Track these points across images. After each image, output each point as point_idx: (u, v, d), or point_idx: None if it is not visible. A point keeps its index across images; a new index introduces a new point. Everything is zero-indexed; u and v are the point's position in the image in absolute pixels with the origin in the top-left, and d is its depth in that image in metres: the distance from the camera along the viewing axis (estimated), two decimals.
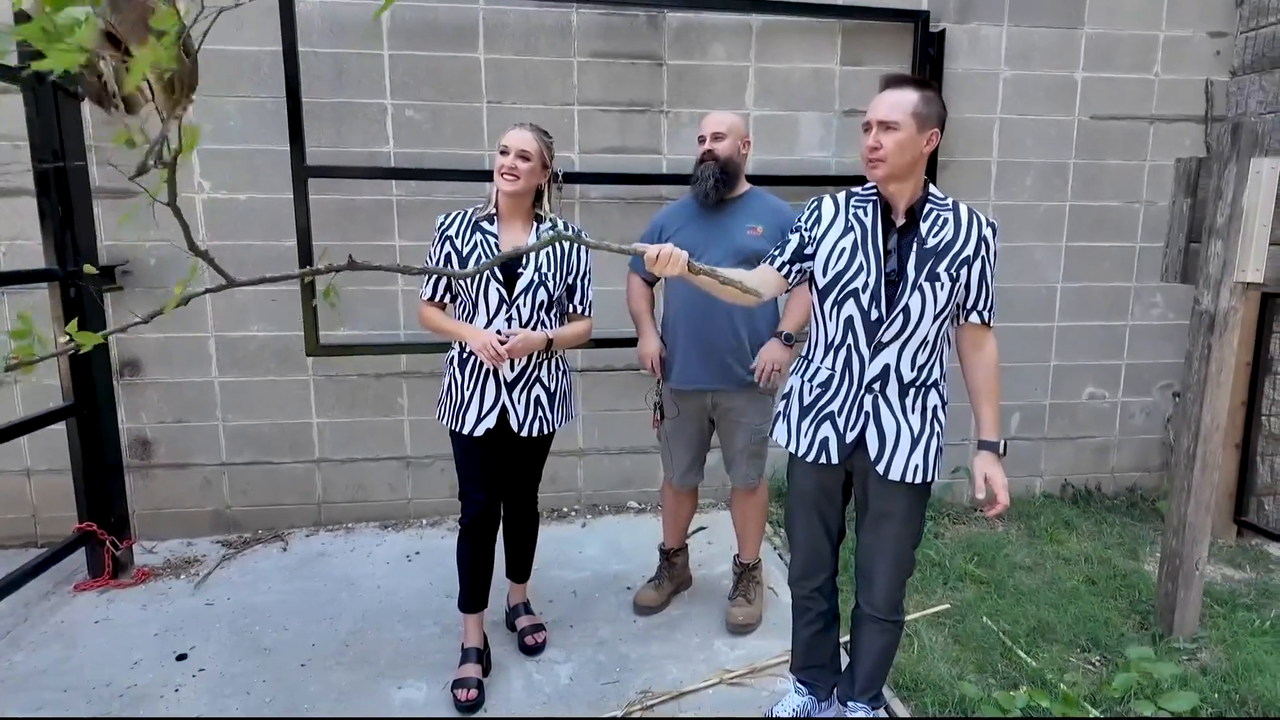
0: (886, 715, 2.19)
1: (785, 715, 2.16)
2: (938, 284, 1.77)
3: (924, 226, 1.80)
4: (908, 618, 2.65)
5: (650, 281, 2.70)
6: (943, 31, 3.46)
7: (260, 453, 3.41)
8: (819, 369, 1.91)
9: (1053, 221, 3.73)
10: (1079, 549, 3.35)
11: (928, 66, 3.44)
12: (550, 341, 2.25)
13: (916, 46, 3.44)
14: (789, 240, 1.93)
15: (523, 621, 2.58)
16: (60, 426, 2.89)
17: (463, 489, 2.33)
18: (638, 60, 3.38)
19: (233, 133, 3.18)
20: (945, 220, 1.80)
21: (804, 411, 1.93)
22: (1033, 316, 3.79)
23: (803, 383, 1.94)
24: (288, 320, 3.30)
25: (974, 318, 1.84)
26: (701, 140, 2.50)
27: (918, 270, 1.78)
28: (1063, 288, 3.79)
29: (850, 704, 2.11)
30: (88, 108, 3.03)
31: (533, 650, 2.51)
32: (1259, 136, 2.44)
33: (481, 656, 2.39)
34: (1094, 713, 2.17)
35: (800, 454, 1.94)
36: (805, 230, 1.91)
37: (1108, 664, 2.50)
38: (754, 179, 2.75)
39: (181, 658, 2.48)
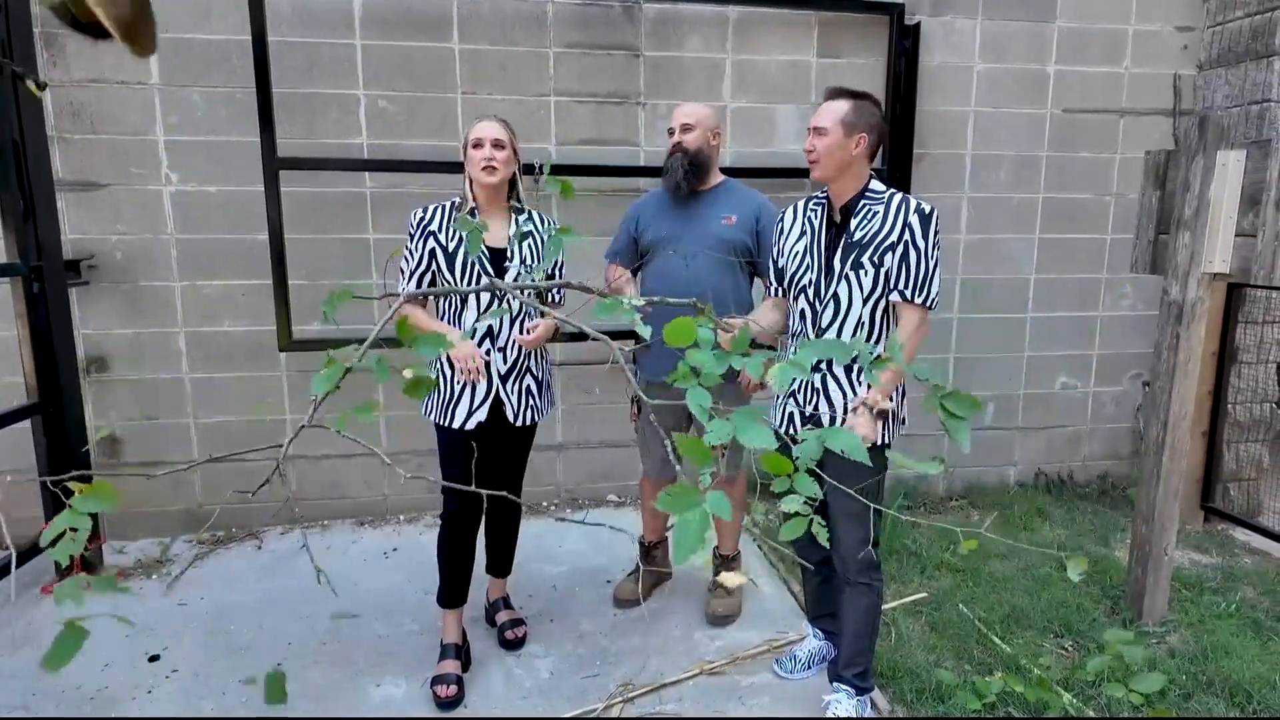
0: (873, 712, 2.21)
1: (802, 656, 2.39)
2: (861, 272, 1.99)
3: (854, 222, 2.02)
4: (886, 606, 2.69)
5: (632, 271, 2.69)
6: (918, 24, 3.48)
7: (232, 450, 3.34)
8: (789, 353, 2.12)
9: (1026, 214, 3.78)
10: (1052, 536, 3.40)
11: (903, 59, 3.46)
12: (555, 326, 2.30)
13: (892, 39, 3.45)
14: (771, 266, 2.21)
15: (502, 616, 2.57)
16: (25, 425, 2.81)
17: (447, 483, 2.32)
18: (614, 51, 3.36)
19: (201, 124, 3.12)
20: (875, 213, 2.01)
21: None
22: (1007, 308, 3.84)
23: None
24: (259, 315, 3.25)
25: (894, 295, 2.00)
26: (671, 133, 2.50)
27: (842, 262, 2.01)
28: (1035, 279, 3.84)
29: (834, 684, 2.18)
30: (49, 97, 2.95)
31: (513, 645, 2.50)
32: (1225, 130, 2.48)
33: (461, 652, 2.37)
34: (1066, 696, 2.21)
35: (776, 427, 2.10)
36: (778, 246, 2.18)
37: (1080, 649, 2.55)
38: (731, 171, 2.75)
39: (154, 659, 2.44)
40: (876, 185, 2.04)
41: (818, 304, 2.05)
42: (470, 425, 2.25)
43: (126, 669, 2.39)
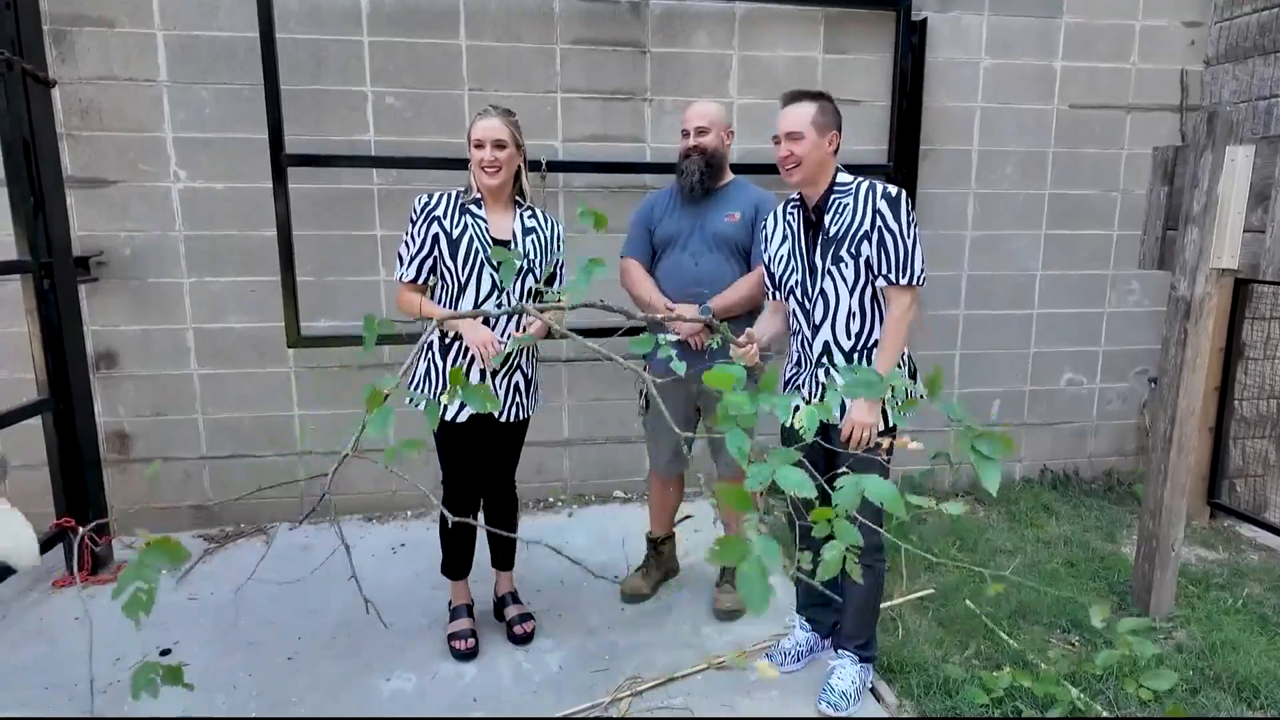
0: (881, 709, 2.22)
1: (790, 648, 2.41)
2: (842, 264, 2.05)
3: (827, 218, 2.07)
4: (892, 603, 2.70)
5: (646, 265, 2.65)
6: (924, 20, 3.47)
7: (241, 446, 3.37)
8: (792, 351, 2.26)
9: (1032, 210, 3.77)
10: (1058, 532, 3.40)
11: (909, 55, 3.45)
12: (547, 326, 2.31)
13: (898, 35, 3.44)
14: (765, 272, 2.27)
15: (511, 611, 2.58)
16: (35, 420, 2.83)
17: (446, 473, 2.41)
18: (621, 47, 3.36)
19: (209, 121, 3.12)
20: (846, 205, 2.06)
21: (785, 385, 2.27)
22: (1013, 304, 3.83)
23: (787, 364, 2.27)
24: (268, 311, 3.26)
25: (880, 281, 2.05)
26: (685, 135, 2.51)
27: (823, 258, 2.08)
28: (1042, 275, 3.83)
29: (839, 651, 2.27)
30: (59, 94, 2.96)
31: (521, 640, 2.51)
32: (1233, 125, 2.48)
33: (472, 612, 2.51)
34: (1074, 691, 2.21)
35: (782, 420, 2.15)
36: (766, 253, 2.24)
37: (1086, 644, 2.55)
38: (738, 168, 2.76)
39: (165, 653, 2.45)
40: (843, 177, 2.09)
41: (807, 302, 2.13)
42: (462, 417, 2.31)
43: (138, 662, 2.40)
